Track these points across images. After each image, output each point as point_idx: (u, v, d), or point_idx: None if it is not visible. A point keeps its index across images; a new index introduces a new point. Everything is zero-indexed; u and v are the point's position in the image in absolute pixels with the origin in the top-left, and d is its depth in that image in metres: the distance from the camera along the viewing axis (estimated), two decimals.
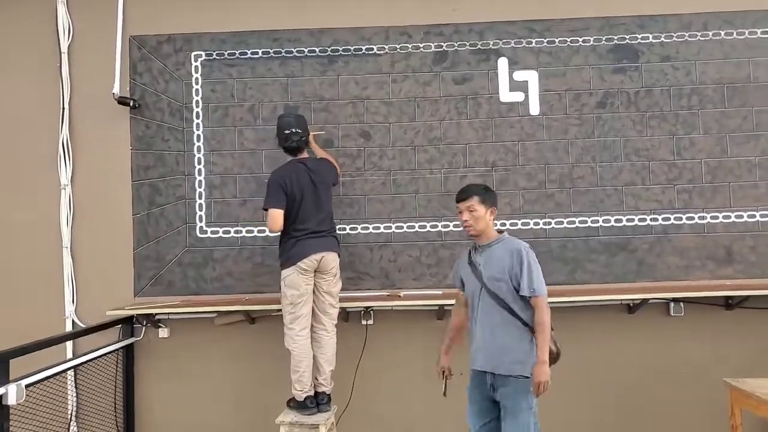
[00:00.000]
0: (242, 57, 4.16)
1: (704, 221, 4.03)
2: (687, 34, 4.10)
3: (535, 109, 4.10)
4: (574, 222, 4.06)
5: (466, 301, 3.02)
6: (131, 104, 4.06)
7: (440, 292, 3.97)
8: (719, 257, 4.02)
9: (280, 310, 3.57)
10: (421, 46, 4.14)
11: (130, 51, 4.16)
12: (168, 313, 3.99)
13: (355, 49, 4.15)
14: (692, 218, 4.03)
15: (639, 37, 4.11)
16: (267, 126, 4.12)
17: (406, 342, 4.02)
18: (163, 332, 4.07)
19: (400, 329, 4.03)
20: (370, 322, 4.00)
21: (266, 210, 3.48)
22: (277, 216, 3.45)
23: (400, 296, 3.90)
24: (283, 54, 4.15)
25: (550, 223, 4.07)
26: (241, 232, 4.09)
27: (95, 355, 3.68)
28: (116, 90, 4.03)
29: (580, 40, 4.12)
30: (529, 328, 2.77)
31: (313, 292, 3.54)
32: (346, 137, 4.13)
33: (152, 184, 4.11)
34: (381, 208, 4.09)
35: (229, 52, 4.16)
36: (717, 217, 4.03)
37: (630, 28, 4.11)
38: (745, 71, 4.08)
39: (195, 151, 4.13)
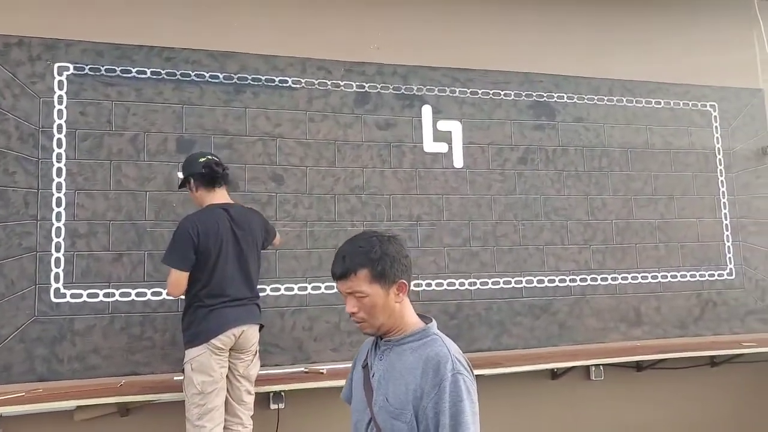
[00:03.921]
0: (125, 75, 3.32)
1: (616, 282, 4.04)
2: (596, 98, 4.19)
3: (458, 161, 3.84)
4: (498, 282, 3.82)
5: None
6: None
7: None
8: (630, 319, 4.04)
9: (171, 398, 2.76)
10: (342, 84, 3.69)
11: None
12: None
13: (266, 80, 3.55)
14: (606, 279, 4.02)
15: (555, 96, 4.10)
16: (153, 161, 3.31)
17: (325, 426, 3.37)
18: None
19: (317, 411, 3.37)
20: (282, 405, 3.29)
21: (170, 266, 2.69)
22: (179, 279, 2.68)
23: (321, 373, 3.26)
24: (179, 77, 3.41)
25: (475, 284, 3.77)
26: (113, 295, 3.17)
27: None
28: None
29: (502, 93, 3.99)
30: None
31: (226, 376, 2.79)
32: (254, 180, 3.46)
33: None
34: (295, 265, 3.47)
35: (107, 67, 3.30)
36: (627, 278, 4.07)
37: (547, 87, 4.09)
38: (644, 138, 4.25)
39: (54, 189, 3.15)
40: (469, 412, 1.38)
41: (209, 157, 2.86)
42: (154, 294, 3.21)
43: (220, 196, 2.87)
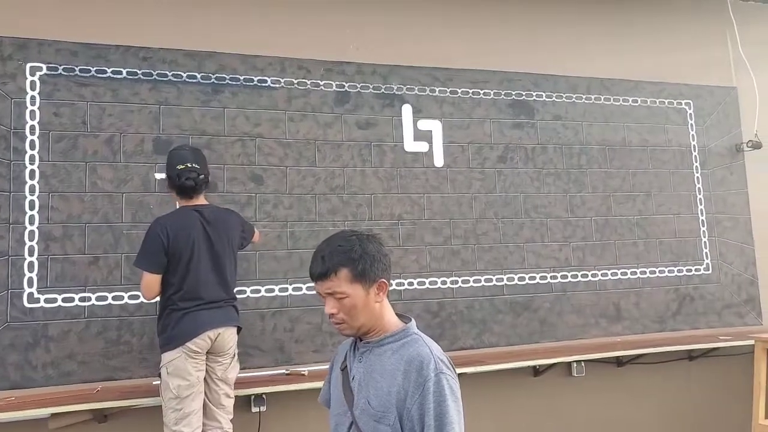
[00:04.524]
0: (100, 75, 3.26)
1: (596, 279, 4.07)
2: (574, 96, 4.22)
3: (439, 160, 3.84)
4: (480, 281, 3.82)
5: None
6: None
7: None
8: (610, 314, 4.07)
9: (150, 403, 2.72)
10: (321, 83, 3.66)
11: None
12: None
13: (245, 80, 3.52)
14: (586, 276, 4.05)
15: (534, 94, 4.12)
16: (130, 163, 3.26)
17: (307, 428, 3.34)
18: None
19: (299, 413, 3.35)
20: (263, 408, 3.25)
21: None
22: (151, 282, 2.66)
23: (303, 374, 3.23)
24: (155, 77, 3.35)
25: (457, 282, 3.77)
26: (89, 299, 3.11)
27: None
28: None
29: (481, 92, 4.00)
30: None
31: (204, 379, 2.75)
32: (233, 180, 3.43)
33: None
34: (275, 266, 3.43)
35: (81, 67, 3.23)
36: (606, 275, 4.10)
37: (526, 85, 4.11)
38: (621, 135, 4.29)
39: (27, 192, 3.08)
40: (454, 412, 1.37)
41: (188, 164, 2.78)
42: (131, 297, 3.16)
43: (195, 199, 2.84)
